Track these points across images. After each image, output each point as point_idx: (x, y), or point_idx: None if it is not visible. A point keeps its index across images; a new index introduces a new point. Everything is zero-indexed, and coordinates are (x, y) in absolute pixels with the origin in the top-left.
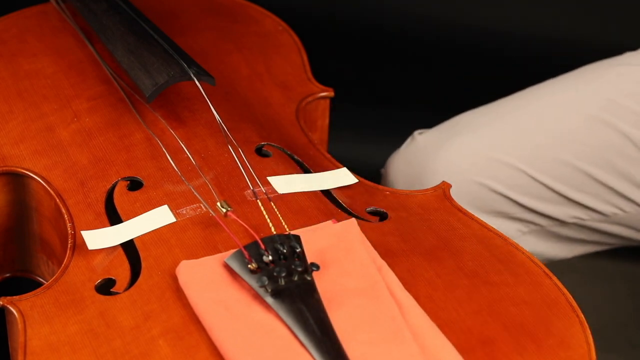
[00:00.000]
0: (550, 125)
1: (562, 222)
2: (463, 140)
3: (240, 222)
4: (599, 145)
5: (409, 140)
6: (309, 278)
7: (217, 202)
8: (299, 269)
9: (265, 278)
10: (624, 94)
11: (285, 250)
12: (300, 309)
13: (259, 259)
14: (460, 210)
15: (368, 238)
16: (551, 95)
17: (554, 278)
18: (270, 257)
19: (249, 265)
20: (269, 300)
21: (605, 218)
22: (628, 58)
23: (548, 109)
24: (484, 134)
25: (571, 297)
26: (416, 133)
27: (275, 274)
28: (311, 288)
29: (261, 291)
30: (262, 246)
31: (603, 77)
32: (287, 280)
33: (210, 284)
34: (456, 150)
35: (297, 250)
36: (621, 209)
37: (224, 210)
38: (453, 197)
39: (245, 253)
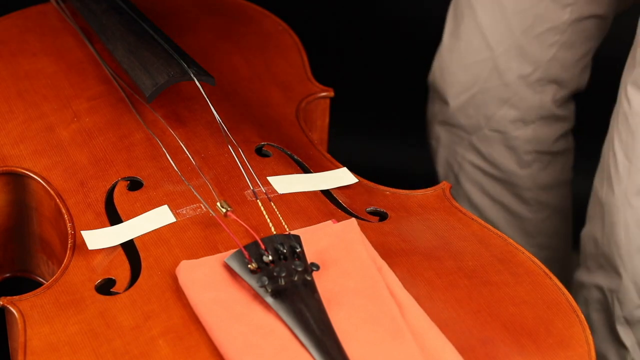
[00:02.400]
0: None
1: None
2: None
3: (240, 222)
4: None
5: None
6: (309, 278)
7: (217, 202)
8: (299, 269)
9: (265, 278)
10: None
11: (285, 250)
12: (300, 309)
13: (259, 259)
14: (460, 210)
15: (368, 238)
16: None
17: (554, 278)
18: (270, 257)
19: (249, 265)
20: (269, 300)
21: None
22: None
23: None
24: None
25: (571, 297)
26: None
27: (275, 273)
28: (311, 288)
29: (261, 291)
30: (262, 246)
31: None
32: (287, 280)
33: (210, 284)
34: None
35: (297, 250)
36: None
37: (224, 210)
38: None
39: (245, 253)
